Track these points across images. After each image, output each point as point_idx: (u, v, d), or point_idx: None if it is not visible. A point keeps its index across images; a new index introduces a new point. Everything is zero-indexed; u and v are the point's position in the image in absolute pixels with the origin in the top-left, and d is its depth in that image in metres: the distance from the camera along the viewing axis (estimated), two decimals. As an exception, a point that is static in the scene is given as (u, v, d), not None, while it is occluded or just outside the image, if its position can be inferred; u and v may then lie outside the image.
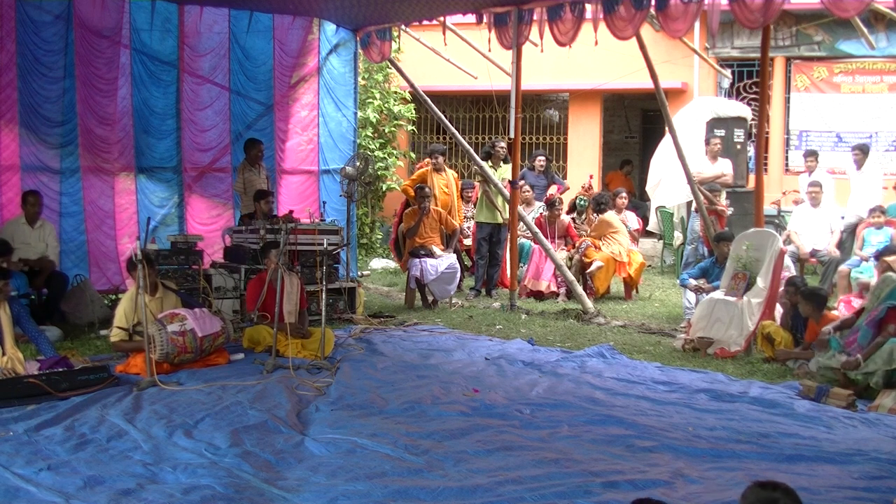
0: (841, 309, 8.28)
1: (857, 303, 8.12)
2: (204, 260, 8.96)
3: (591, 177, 12.45)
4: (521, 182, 11.85)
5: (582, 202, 11.84)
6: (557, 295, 10.76)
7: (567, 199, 12.60)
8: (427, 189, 10.46)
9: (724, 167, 11.31)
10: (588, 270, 10.73)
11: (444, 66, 12.17)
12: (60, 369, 6.16)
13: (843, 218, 11.09)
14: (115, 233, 9.77)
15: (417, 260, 9.98)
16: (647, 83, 9.80)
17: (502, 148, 11.08)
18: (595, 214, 11.76)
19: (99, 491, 4.29)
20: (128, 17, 9.58)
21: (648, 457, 4.87)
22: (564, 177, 16.18)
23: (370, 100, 14.60)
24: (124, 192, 9.86)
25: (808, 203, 10.89)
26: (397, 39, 13.43)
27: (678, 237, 12.63)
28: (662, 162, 13.20)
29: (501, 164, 11.01)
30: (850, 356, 6.41)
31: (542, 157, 12.72)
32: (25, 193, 8.83)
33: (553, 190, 12.34)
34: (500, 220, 10.90)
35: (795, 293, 7.47)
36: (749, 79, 15.11)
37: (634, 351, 7.84)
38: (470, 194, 12.40)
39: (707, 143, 11.60)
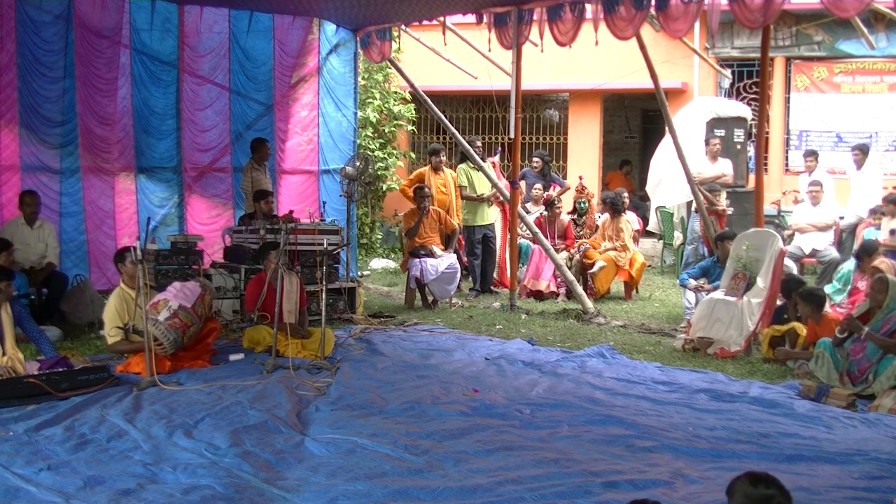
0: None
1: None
2: (204, 260, 8.96)
3: (580, 178, 12.42)
4: (523, 181, 11.89)
5: (582, 204, 11.83)
6: (557, 295, 10.75)
7: (566, 198, 12.60)
8: (426, 189, 10.46)
9: (725, 167, 11.31)
10: (591, 271, 10.72)
11: (444, 66, 12.17)
12: (60, 369, 6.16)
13: (842, 218, 11.10)
14: (115, 233, 9.78)
15: (417, 260, 9.98)
16: (647, 83, 9.80)
17: (478, 148, 11.11)
18: (599, 214, 11.75)
19: (99, 491, 4.29)
20: (128, 17, 9.59)
21: (648, 457, 4.87)
22: (564, 177, 16.18)
23: (370, 100, 14.60)
24: (124, 192, 9.87)
25: (808, 202, 10.90)
26: (397, 39, 13.42)
27: (678, 237, 12.63)
28: (662, 162, 13.20)
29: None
30: (857, 366, 6.40)
31: (538, 158, 12.72)
32: (22, 194, 8.81)
33: (550, 190, 12.33)
34: (490, 220, 10.96)
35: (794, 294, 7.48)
36: (749, 79, 15.11)
37: (634, 351, 7.84)
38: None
39: (707, 143, 11.61)
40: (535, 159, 12.70)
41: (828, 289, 8.78)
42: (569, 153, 16.43)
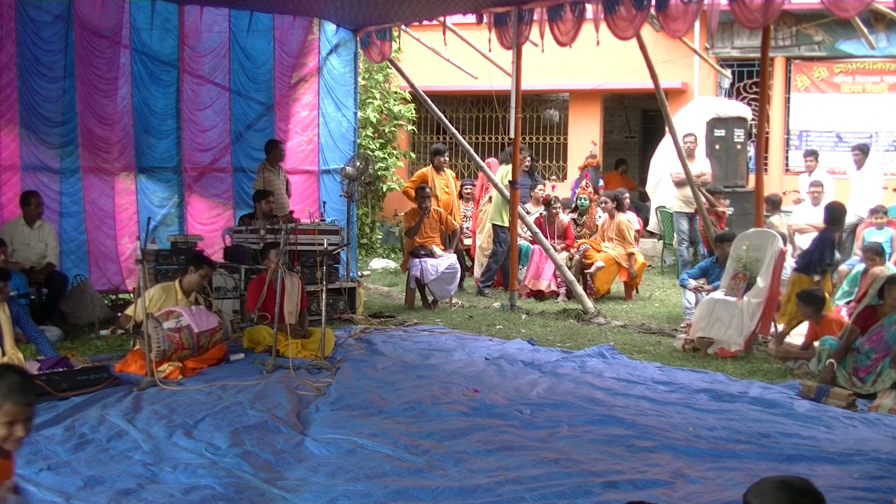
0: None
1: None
2: (204, 260, 8.95)
3: (586, 175, 12.44)
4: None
5: (583, 202, 11.82)
6: (557, 295, 10.75)
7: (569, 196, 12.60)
8: (428, 189, 10.46)
9: (703, 166, 11.34)
10: (588, 271, 10.71)
11: (444, 66, 12.17)
12: (60, 369, 6.16)
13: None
14: (115, 233, 9.77)
15: (417, 260, 9.98)
16: (647, 83, 9.80)
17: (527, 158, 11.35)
18: (599, 215, 11.74)
19: (99, 491, 4.29)
20: (128, 17, 9.58)
21: (648, 457, 4.86)
22: (564, 177, 16.22)
23: (370, 100, 14.60)
24: (124, 192, 9.86)
25: (808, 202, 10.89)
26: (397, 39, 13.43)
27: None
28: (662, 162, 13.21)
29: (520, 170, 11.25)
30: (874, 354, 6.39)
31: (528, 158, 12.73)
32: (27, 195, 8.78)
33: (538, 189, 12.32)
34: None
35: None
36: (749, 79, 15.11)
37: (634, 351, 7.84)
38: (470, 192, 12.42)
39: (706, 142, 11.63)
40: (526, 158, 12.70)
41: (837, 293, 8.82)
42: (569, 153, 16.43)
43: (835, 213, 8.54)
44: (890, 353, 6.30)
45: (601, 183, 13.99)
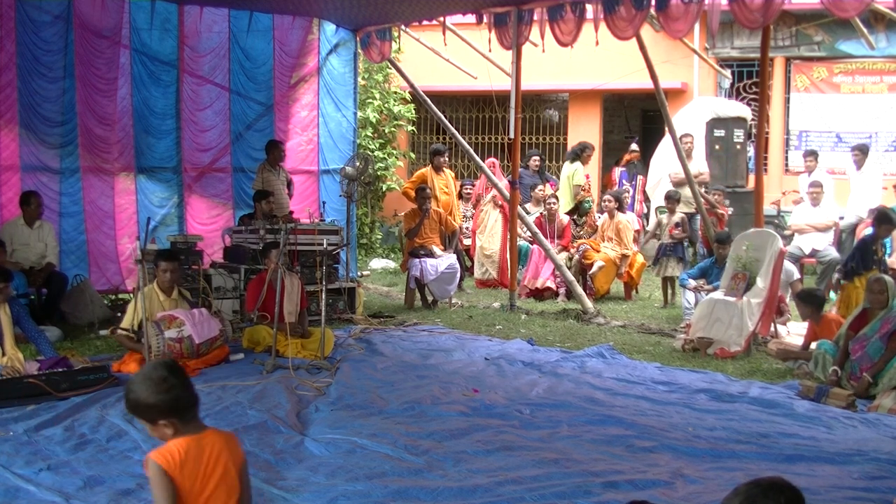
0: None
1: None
2: (204, 260, 8.94)
3: (587, 177, 12.45)
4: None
5: (587, 203, 11.81)
6: (557, 294, 10.75)
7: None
8: (428, 190, 10.46)
9: (700, 166, 11.35)
10: (590, 272, 10.71)
11: (444, 66, 12.17)
12: (60, 369, 6.16)
13: (842, 218, 11.09)
14: (115, 233, 9.78)
15: (417, 260, 9.98)
16: (647, 83, 9.80)
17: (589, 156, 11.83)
18: (599, 215, 11.74)
19: (99, 491, 4.29)
20: (128, 17, 9.59)
21: (648, 457, 4.86)
22: (564, 177, 16.19)
23: (370, 100, 14.60)
24: (124, 192, 9.86)
25: (808, 203, 10.89)
26: (397, 39, 13.42)
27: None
28: (662, 162, 13.21)
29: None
30: (859, 364, 6.37)
31: (537, 157, 12.73)
32: (27, 195, 8.77)
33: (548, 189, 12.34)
34: None
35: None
36: (749, 79, 15.12)
37: (634, 351, 7.84)
38: (470, 192, 12.42)
39: (706, 142, 11.65)
40: (534, 158, 12.71)
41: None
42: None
43: (881, 218, 8.45)
44: (874, 366, 6.29)
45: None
